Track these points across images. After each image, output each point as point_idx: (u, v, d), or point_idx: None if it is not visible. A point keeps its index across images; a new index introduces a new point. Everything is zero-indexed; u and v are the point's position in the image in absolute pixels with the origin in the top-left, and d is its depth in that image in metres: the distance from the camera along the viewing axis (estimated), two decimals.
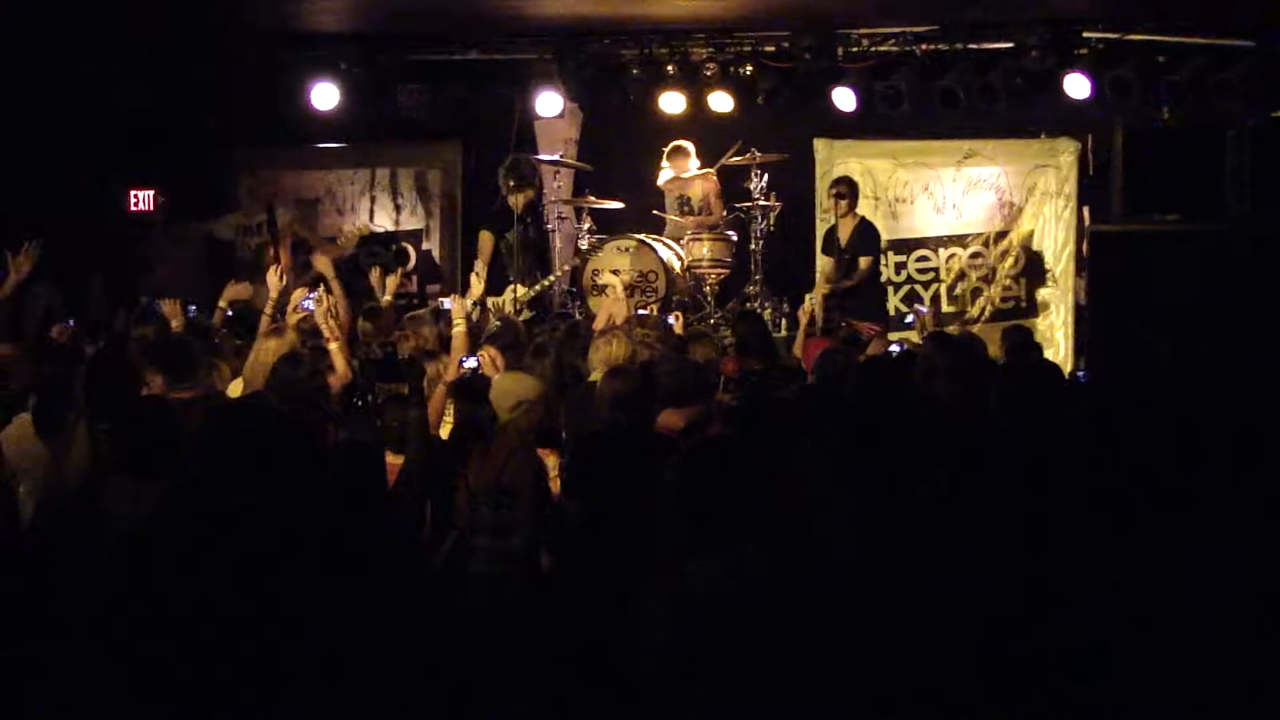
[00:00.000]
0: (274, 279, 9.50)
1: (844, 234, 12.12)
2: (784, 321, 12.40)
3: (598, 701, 5.47)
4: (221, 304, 10.09)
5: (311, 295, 9.04)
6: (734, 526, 4.22)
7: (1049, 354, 11.78)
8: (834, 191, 12.18)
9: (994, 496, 4.76)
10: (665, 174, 13.44)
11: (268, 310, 9.26)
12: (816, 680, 4.06)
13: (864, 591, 4.49)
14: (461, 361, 7.51)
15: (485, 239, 12.68)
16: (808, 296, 10.76)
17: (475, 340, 8.64)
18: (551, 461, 6.76)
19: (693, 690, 4.04)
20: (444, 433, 7.50)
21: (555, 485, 6.62)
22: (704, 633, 4.00)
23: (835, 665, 4.10)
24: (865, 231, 12.16)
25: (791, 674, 4.03)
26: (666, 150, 13.36)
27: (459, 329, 8.43)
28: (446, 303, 9.13)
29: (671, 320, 9.87)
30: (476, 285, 10.40)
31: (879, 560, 4.66)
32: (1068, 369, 12.24)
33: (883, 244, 12.54)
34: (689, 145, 13.33)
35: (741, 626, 4.01)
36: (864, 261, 11.99)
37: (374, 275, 11.06)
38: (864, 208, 12.51)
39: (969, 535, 4.67)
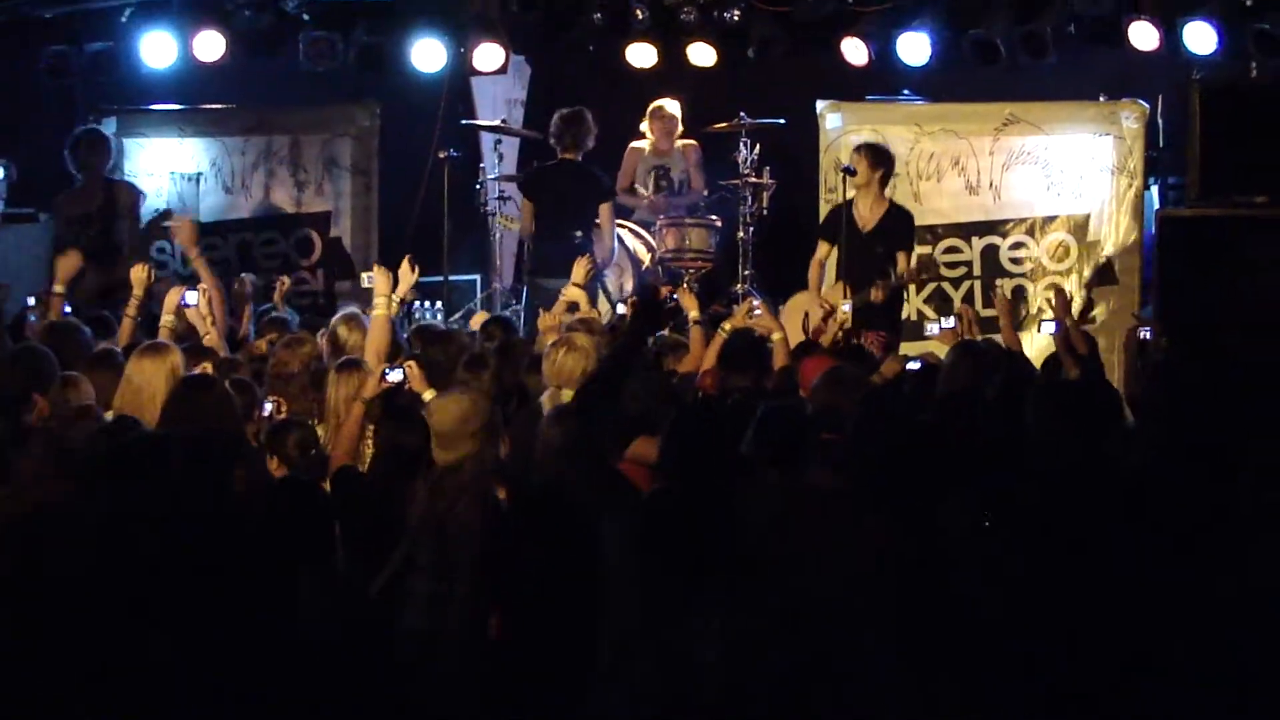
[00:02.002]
0: (140, 273, 9.53)
1: (866, 216, 11.81)
2: None
3: None
4: (58, 288, 9.88)
5: (190, 294, 9.15)
6: (696, 591, 4.39)
7: (1111, 372, 11.88)
8: (866, 159, 11.77)
9: (1028, 534, 4.99)
10: (643, 141, 13.52)
11: (130, 312, 9.33)
12: None
13: (870, 648, 4.72)
14: (384, 374, 7.61)
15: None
16: (839, 305, 10.76)
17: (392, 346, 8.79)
18: None
19: None
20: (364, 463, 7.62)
21: None
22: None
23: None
24: (901, 218, 11.98)
25: None
26: (649, 110, 13.48)
27: (380, 313, 8.59)
28: (369, 279, 9.09)
29: None
30: (408, 276, 10.49)
31: (892, 610, 4.88)
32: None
33: None
34: (675, 105, 13.44)
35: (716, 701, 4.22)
36: (903, 258, 11.69)
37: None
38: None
39: (1000, 577, 4.90)
